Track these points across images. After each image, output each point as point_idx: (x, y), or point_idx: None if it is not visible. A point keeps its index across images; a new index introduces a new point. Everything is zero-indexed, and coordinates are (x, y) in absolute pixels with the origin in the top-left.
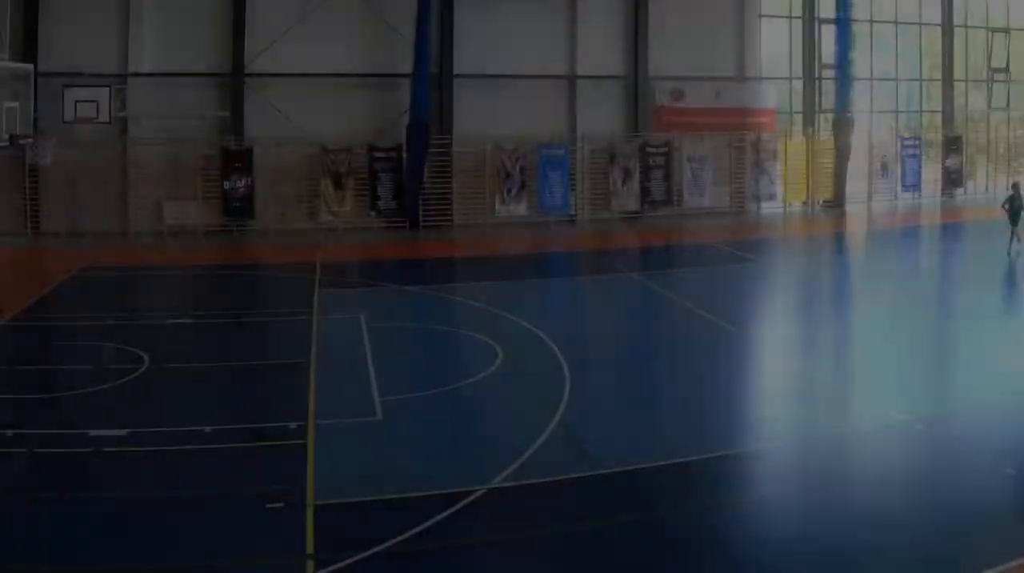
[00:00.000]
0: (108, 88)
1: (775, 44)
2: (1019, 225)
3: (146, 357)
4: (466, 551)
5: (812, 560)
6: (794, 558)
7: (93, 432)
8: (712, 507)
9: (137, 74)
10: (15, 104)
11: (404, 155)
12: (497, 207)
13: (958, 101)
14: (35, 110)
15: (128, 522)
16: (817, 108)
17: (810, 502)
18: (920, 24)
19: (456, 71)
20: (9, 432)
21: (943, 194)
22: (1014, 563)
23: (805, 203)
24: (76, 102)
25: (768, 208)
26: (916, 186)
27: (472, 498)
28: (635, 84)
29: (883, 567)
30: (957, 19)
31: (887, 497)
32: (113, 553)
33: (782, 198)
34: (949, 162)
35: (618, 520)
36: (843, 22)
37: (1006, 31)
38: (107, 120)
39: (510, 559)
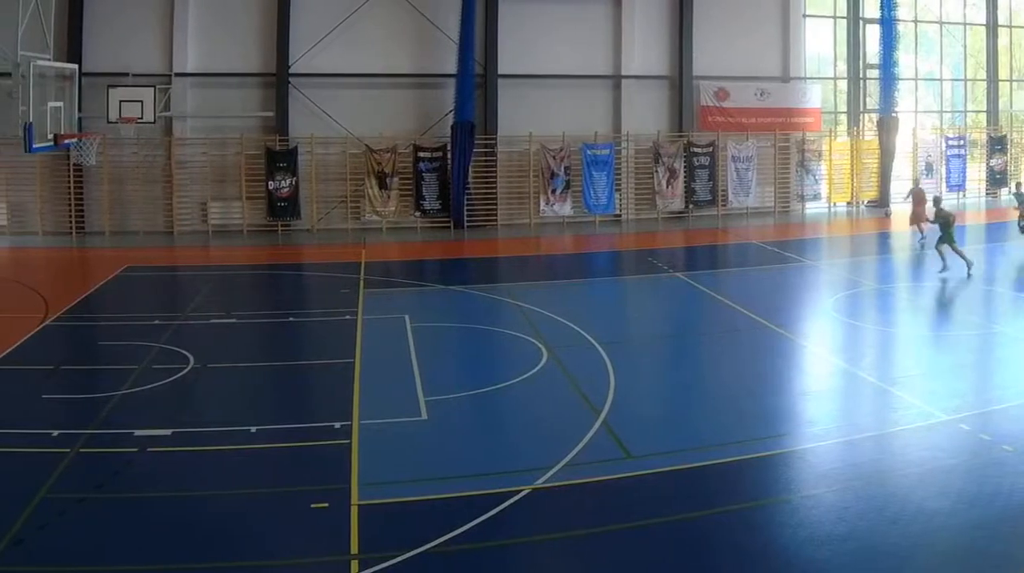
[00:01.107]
0: (152, 88)
1: (820, 44)
2: None
3: (191, 357)
4: (510, 551)
5: (858, 558)
6: (840, 556)
7: (138, 432)
8: (757, 507)
9: (182, 74)
10: (60, 104)
11: (449, 155)
12: (542, 207)
13: (1003, 101)
14: (80, 110)
15: (172, 522)
16: (862, 108)
17: (853, 501)
18: (965, 24)
19: (501, 71)
20: (55, 432)
21: (987, 194)
22: None
23: (850, 203)
24: (121, 102)
25: (813, 208)
26: (961, 186)
27: (516, 498)
28: (680, 84)
29: (930, 565)
30: (1002, 18)
31: (933, 495)
32: (157, 552)
33: (827, 198)
34: (993, 162)
35: (662, 520)
36: (887, 22)
37: None
38: (151, 120)
39: (554, 559)
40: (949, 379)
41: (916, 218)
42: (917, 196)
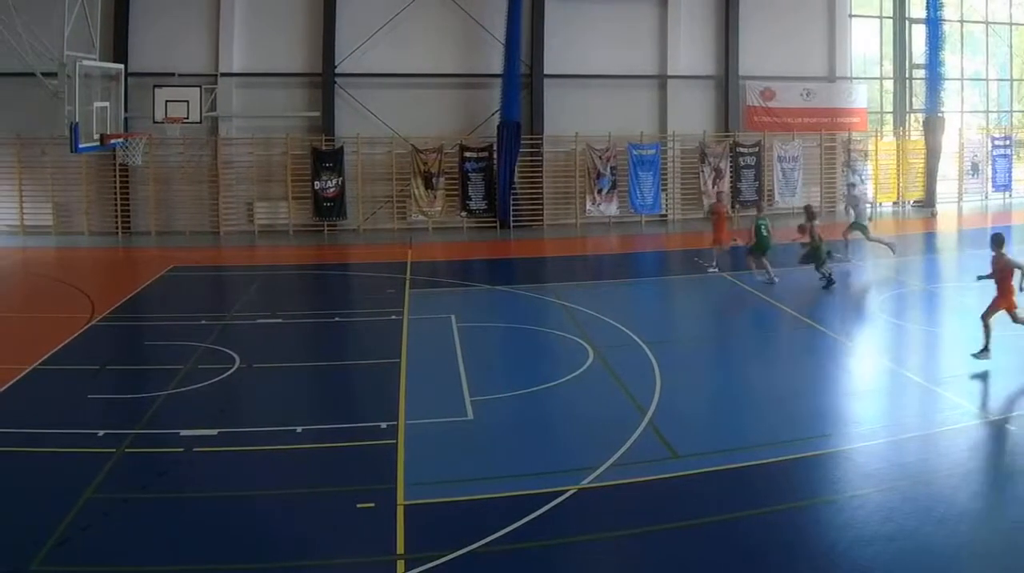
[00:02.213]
0: (198, 88)
1: (866, 44)
2: None
3: (237, 357)
4: (556, 551)
5: (904, 558)
6: (886, 556)
7: (184, 432)
8: (803, 507)
9: (228, 74)
10: (106, 104)
11: (495, 155)
12: (588, 207)
13: None
14: (126, 110)
15: (219, 522)
16: (908, 108)
17: (899, 501)
18: (1011, 24)
19: (547, 71)
20: (100, 432)
21: None
22: None
23: (895, 203)
24: (167, 102)
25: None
26: (1007, 186)
27: (562, 498)
28: (725, 84)
29: (976, 565)
30: None
31: (979, 495)
32: (202, 553)
33: (873, 198)
34: None
35: (708, 520)
36: (933, 22)
37: None
38: (197, 120)
39: (600, 559)
40: (995, 379)
41: (717, 240)
42: (718, 212)
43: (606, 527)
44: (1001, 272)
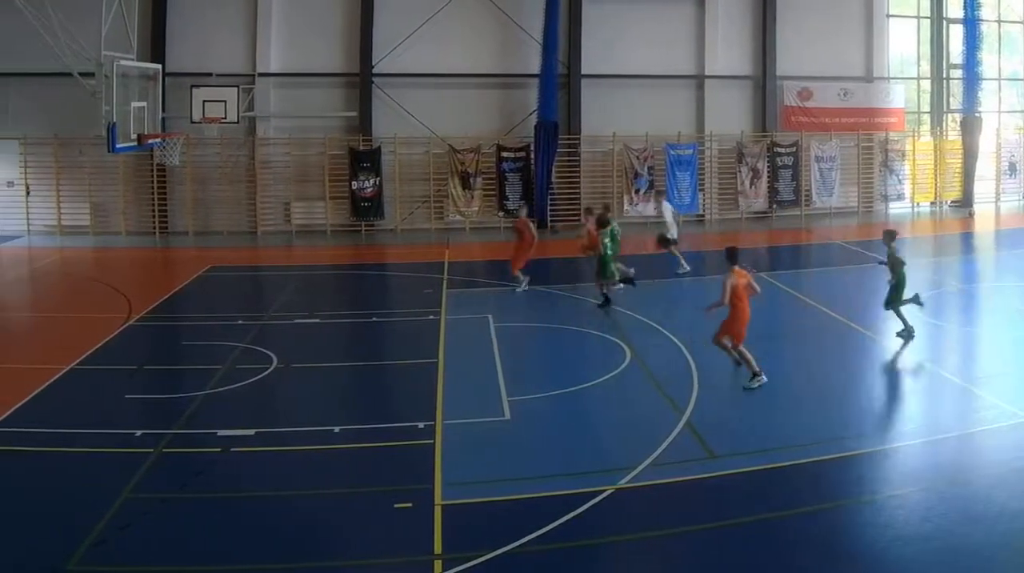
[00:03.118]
0: (236, 88)
1: (903, 44)
2: None
3: (275, 357)
4: (593, 551)
5: (942, 557)
6: (925, 555)
7: (222, 432)
8: (841, 506)
9: (265, 74)
10: (143, 104)
11: (532, 155)
12: (625, 207)
13: None
14: (163, 110)
15: (256, 522)
16: (945, 108)
17: (937, 501)
18: None
19: (584, 71)
20: (138, 432)
21: None
22: None
23: (933, 203)
24: (204, 102)
25: (896, 208)
26: None
27: (600, 498)
28: (763, 84)
29: (1014, 565)
30: None
31: (1017, 495)
32: (240, 553)
33: (910, 198)
34: None
35: (746, 520)
36: (971, 22)
37: None
38: (235, 120)
39: (638, 559)
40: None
41: (515, 261)
42: (519, 229)
43: (643, 527)
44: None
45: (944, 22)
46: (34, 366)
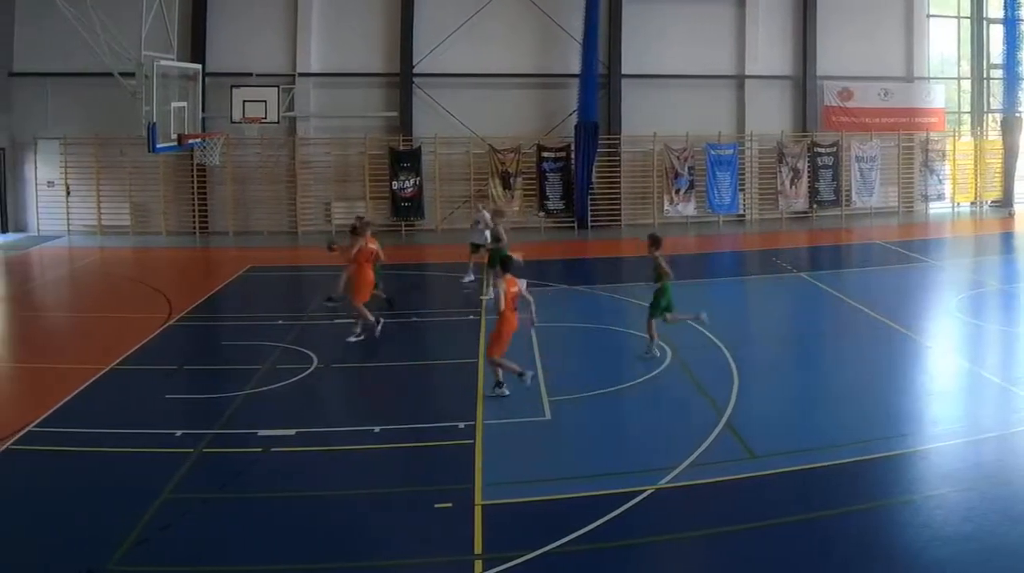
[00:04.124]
0: (276, 88)
1: (943, 44)
2: None
3: (315, 357)
4: (634, 552)
5: (982, 558)
6: (965, 555)
7: (262, 432)
8: (881, 507)
9: (305, 74)
10: (183, 104)
11: (572, 155)
12: (666, 207)
13: None
14: (203, 110)
15: (296, 522)
16: (985, 108)
17: (978, 501)
18: None
19: (624, 71)
20: (178, 432)
21: None
22: None
23: (973, 203)
24: (244, 102)
25: (936, 208)
26: None
27: (640, 498)
28: (803, 84)
29: None
30: None
31: None
32: (280, 553)
33: (950, 198)
34: None
35: (786, 520)
36: (1011, 22)
37: None
38: (275, 120)
39: (678, 559)
40: None
41: (355, 294)
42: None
43: (683, 527)
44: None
45: (984, 22)
46: (75, 366)
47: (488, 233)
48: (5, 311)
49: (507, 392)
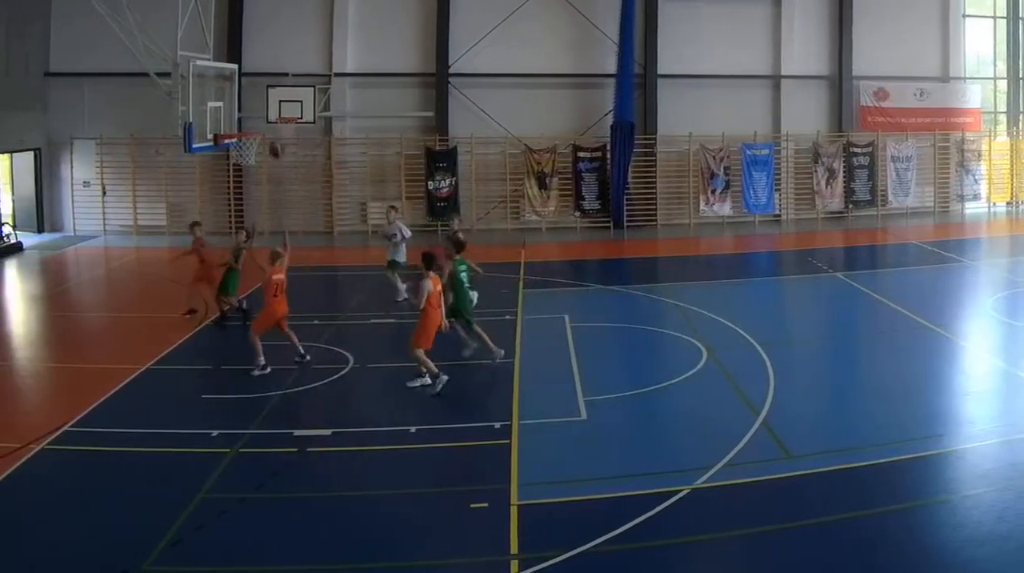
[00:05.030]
0: (312, 88)
1: (979, 44)
2: None
3: (351, 357)
4: (670, 552)
5: (1019, 558)
6: (1002, 556)
7: (298, 432)
8: (917, 507)
9: (341, 74)
10: (219, 104)
11: (608, 155)
12: (701, 207)
13: None
14: (239, 110)
15: (332, 522)
16: (1021, 108)
17: (1014, 500)
18: None
19: (660, 71)
20: (214, 432)
21: None
22: None
23: (1009, 203)
24: (280, 102)
25: (972, 208)
26: None
27: (676, 498)
28: (839, 84)
29: None
30: None
31: None
32: (316, 553)
33: (986, 198)
34: None
35: (822, 520)
36: None
37: None
38: (311, 120)
39: (714, 560)
40: None
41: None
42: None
43: (719, 527)
44: None
45: (1020, 22)
46: (111, 366)
47: (404, 247)
48: (41, 311)
49: (429, 381)
